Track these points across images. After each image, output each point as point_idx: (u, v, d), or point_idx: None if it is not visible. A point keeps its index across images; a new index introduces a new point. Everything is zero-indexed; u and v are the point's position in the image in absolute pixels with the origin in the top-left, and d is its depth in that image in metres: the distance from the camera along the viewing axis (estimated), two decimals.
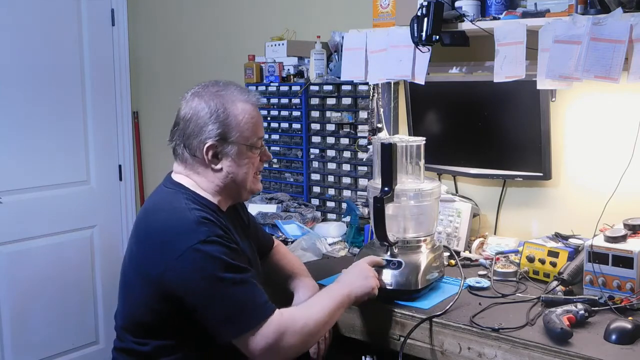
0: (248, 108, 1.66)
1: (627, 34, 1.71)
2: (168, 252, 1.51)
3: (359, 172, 2.65)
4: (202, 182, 1.66)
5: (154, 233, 1.57)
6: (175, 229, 1.53)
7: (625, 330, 1.53)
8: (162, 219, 1.58)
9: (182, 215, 1.55)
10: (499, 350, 1.56)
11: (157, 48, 3.74)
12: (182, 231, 1.52)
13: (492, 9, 2.08)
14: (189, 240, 1.49)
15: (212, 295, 1.50)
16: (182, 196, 1.62)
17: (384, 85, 2.48)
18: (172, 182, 1.68)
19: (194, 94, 1.66)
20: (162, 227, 1.56)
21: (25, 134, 3.27)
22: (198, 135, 1.62)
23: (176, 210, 1.58)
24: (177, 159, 1.70)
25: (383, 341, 1.78)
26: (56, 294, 3.42)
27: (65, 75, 3.43)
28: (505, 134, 2.26)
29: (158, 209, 1.63)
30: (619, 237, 1.74)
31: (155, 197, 1.69)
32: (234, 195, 1.71)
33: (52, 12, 3.34)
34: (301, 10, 3.02)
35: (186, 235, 1.51)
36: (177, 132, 1.67)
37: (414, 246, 1.86)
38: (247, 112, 1.65)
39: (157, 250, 1.54)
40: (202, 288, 1.49)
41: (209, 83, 1.69)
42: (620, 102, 2.05)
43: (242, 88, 1.71)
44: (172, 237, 1.52)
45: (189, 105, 1.65)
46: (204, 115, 1.61)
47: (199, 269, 1.49)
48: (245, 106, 1.65)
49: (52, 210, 3.40)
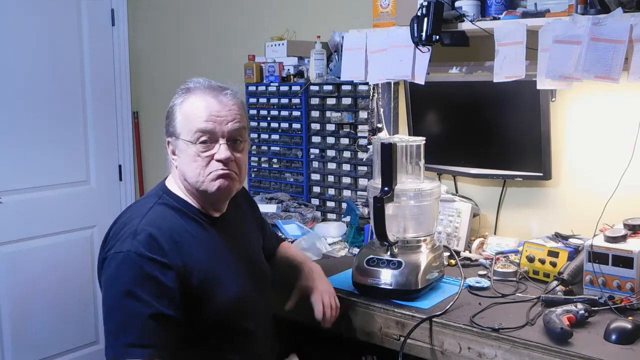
0: (201, 103, 1.58)
1: (627, 34, 1.71)
2: (105, 253, 1.55)
3: (359, 172, 2.65)
4: (175, 181, 1.66)
5: (108, 236, 1.61)
6: (117, 235, 1.55)
7: (625, 330, 1.53)
8: (118, 224, 1.61)
9: (131, 222, 1.56)
10: (499, 350, 1.56)
11: (157, 48, 3.74)
12: (119, 238, 1.53)
13: (492, 9, 2.08)
14: (118, 247, 1.51)
15: (104, 303, 1.51)
16: (153, 201, 1.62)
17: (384, 85, 2.48)
18: (161, 185, 1.69)
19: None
20: (114, 232, 1.59)
21: (25, 134, 3.27)
22: (165, 130, 1.65)
23: (131, 217, 1.59)
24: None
25: (383, 341, 1.78)
26: (56, 294, 3.42)
27: (65, 75, 3.42)
28: (505, 134, 2.26)
29: (124, 214, 1.66)
30: (619, 237, 1.74)
31: (137, 201, 1.74)
32: (199, 195, 1.63)
33: (52, 12, 3.34)
34: (301, 10, 3.02)
35: (119, 241, 1.52)
36: None
37: (414, 246, 1.86)
38: (195, 107, 1.58)
39: (101, 252, 1.59)
40: (103, 291, 1.52)
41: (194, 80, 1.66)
42: (620, 102, 2.05)
43: (216, 84, 1.63)
44: (112, 242, 1.55)
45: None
46: (169, 110, 1.64)
47: (107, 274, 1.50)
48: (198, 101, 1.58)
49: (52, 210, 3.40)
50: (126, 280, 1.46)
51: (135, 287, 1.45)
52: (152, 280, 1.47)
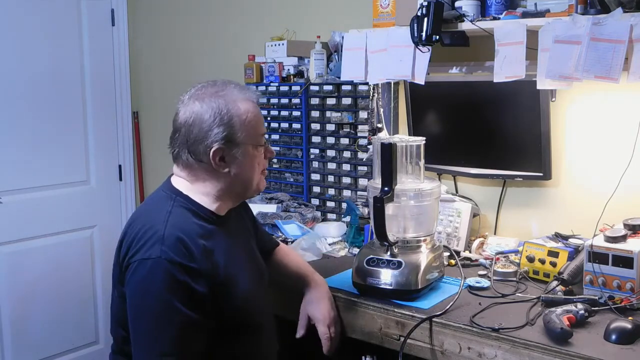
0: (250, 106, 1.63)
1: (627, 34, 1.71)
2: (125, 256, 1.53)
3: (359, 172, 2.65)
4: (204, 187, 1.62)
5: (126, 235, 1.58)
6: (141, 240, 1.51)
7: (625, 330, 1.53)
8: (141, 223, 1.56)
9: (154, 227, 1.52)
10: (499, 350, 1.56)
11: (157, 48, 3.74)
12: (145, 243, 1.50)
13: (492, 9, 2.08)
14: (144, 252, 1.48)
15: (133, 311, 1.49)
16: (171, 203, 1.59)
17: (384, 85, 2.48)
18: (170, 187, 1.65)
19: (193, 97, 1.60)
20: (134, 236, 1.54)
21: (25, 134, 3.27)
22: (203, 140, 1.57)
23: (154, 218, 1.55)
24: (179, 165, 1.64)
25: (383, 341, 1.78)
26: (56, 294, 3.42)
27: (65, 75, 3.42)
28: (505, 134, 2.26)
29: (143, 212, 1.62)
30: (619, 237, 1.74)
31: (148, 202, 1.68)
32: (239, 196, 1.69)
33: (52, 12, 3.34)
34: (301, 10, 3.02)
35: (146, 247, 1.49)
36: (179, 139, 1.60)
37: (414, 246, 1.86)
38: (250, 111, 1.62)
39: (120, 253, 1.56)
40: (131, 299, 1.50)
41: (207, 84, 1.63)
42: (620, 102, 2.05)
43: (241, 86, 1.67)
44: (135, 247, 1.51)
45: (189, 109, 1.59)
46: (208, 118, 1.56)
47: (136, 281, 1.48)
48: (247, 105, 1.62)
49: (52, 210, 3.40)
50: (158, 287, 1.45)
51: (169, 294, 1.45)
52: (184, 287, 1.48)
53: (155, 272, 1.46)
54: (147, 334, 1.47)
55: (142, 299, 1.48)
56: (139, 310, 1.49)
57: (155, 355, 1.45)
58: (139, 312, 1.49)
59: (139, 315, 1.49)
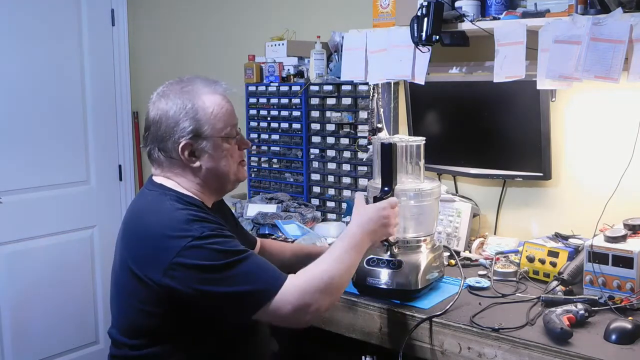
0: (216, 99, 1.62)
1: (627, 34, 1.71)
2: (165, 253, 1.49)
3: (359, 172, 2.65)
4: (183, 182, 1.64)
5: (146, 237, 1.54)
6: (167, 230, 1.51)
7: (625, 330, 1.53)
8: (152, 221, 1.55)
9: (171, 216, 1.53)
10: (499, 350, 1.56)
11: (157, 48, 3.74)
12: (174, 232, 1.50)
13: (492, 9, 2.08)
14: (182, 240, 1.48)
15: (219, 284, 1.47)
16: (166, 197, 1.60)
17: (384, 85, 2.48)
18: (155, 184, 1.66)
19: (160, 95, 1.63)
20: (153, 230, 1.53)
21: (25, 134, 3.27)
22: (171, 135, 1.59)
23: (164, 211, 1.56)
24: (153, 164, 1.67)
25: (383, 341, 1.78)
26: (56, 294, 3.42)
27: (65, 75, 3.42)
28: (505, 134, 2.26)
29: (145, 212, 1.60)
30: (619, 237, 1.74)
31: (141, 201, 1.67)
32: (217, 189, 1.69)
33: (52, 12, 3.34)
34: (301, 10, 3.02)
35: (179, 235, 1.49)
36: (149, 137, 1.64)
37: (414, 246, 1.86)
38: (216, 103, 1.62)
39: (152, 254, 1.52)
40: (208, 281, 1.47)
41: (173, 81, 1.66)
42: (620, 102, 2.05)
43: (208, 80, 1.67)
44: (165, 238, 1.50)
45: (156, 106, 1.62)
46: (173, 114, 1.59)
47: (200, 266, 1.47)
48: (213, 98, 1.62)
49: (52, 210, 3.40)
50: (216, 252, 1.48)
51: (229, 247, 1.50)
52: (232, 237, 1.55)
53: (208, 244, 1.48)
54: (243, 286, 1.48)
55: (213, 267, 1.47)
56: (217, 279, 1.48)
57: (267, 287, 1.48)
58: (221, 279, 1.48)
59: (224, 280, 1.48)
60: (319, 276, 1.52)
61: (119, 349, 1.66)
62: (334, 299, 1.57)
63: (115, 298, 1.66)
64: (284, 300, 1.47)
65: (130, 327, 1.61)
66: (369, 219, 1.66)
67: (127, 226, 1.63)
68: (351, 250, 1.60)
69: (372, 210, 1.68)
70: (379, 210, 1.68)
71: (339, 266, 1.56)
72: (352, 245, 1.61)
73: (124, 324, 1.63)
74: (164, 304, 1.52)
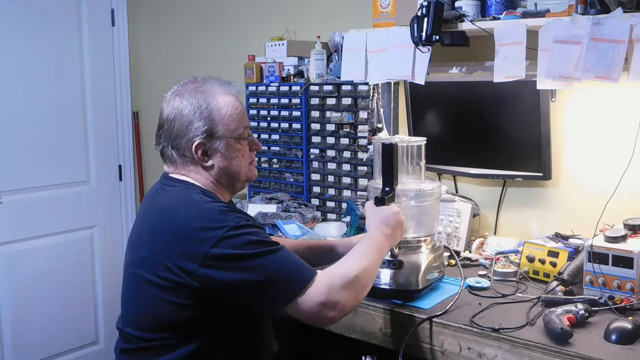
0: (230, 100, 1.65)
1: (627, 34, 1.72)
2: (202, 245, 1.48)
3: (359, 172, 2.65)
4: (199, 179, 1.65)
5: (180, 230, 1.53)
6: (202, 222, 1.52)
7: (625, 330, 1.53)
8: (184, 214, 1.55)
9: (204, 207, 1.55)
10: (499, 350, 1.56)
11: (157, 48, 3.74)
12: (210, 223, 1.51)
13: (492, 9, 2.08)
14: (219, 230, 1.49)
15: (253, 273, 1.48)
16: (193, 192, 1.61)
17: (384, 85, 2.48)
18: (175, 180, 1.66)
19: (175, 94, 1.65)
20: (187, 222, 1.53)
21: (25, 134, 3.27)
22: (185, 134, 1.61)
23: (195, 204, 1.57)
24: (166, 162, 1.69)
25: (383, 341, 1.78)
26: (56, 294, 3.42)
27: (65, 75, 3.43)
28: (505, 134, 2.26)
29: (174, 207, 1.59)
30: (619, 237, 1.74)
31: (165, 196, 1.65)
32: (229, 188, 1.71)
33: (52, 13, 3.34)
34: (301, 10, 3.02)
35: (215, 226, 1.50)
36: (162, 135, 1.66)
37: (414, 246, 1.86)
38: (230, 104, 1.64)
39: (189, 246, 1.51)
40: (243, 269, 1.48)
41: (188, 80, 1.68)
42: (620, 102, 2.05)
43: (222, 81, 1.69)
44: (202, 230, 1.50)
45: (170, 105, 1.64)
46: (188, 113, 1.61)
47: (236, 255, 1.48)
48: (227, 98, 1.64)
49: (52, 210, 3.40)
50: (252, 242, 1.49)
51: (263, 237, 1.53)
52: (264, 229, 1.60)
53: (243, 234, 1.49)
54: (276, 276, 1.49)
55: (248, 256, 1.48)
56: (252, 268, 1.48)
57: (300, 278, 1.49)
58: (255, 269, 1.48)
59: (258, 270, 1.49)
60: (345, 274, 1.53)
61: (132, 344, 1.63)
62: (358, 298, 1.58)
63: (133, 294, 1.64)
64: (312, 294, 1.48)
65: (153, 321, 1.58)
66: (387, 224, 1.70)
67: (155, 223, 1.61)
68: (374, 252, 1.64)
69: (390, 214, 1.71)
70: (396, 215, 1.72)
71: (365, 264, 1.58)
72: (375, 248, 1.64)
73: (143, 318, 1.60)
74: (196, 296, 1.51)
